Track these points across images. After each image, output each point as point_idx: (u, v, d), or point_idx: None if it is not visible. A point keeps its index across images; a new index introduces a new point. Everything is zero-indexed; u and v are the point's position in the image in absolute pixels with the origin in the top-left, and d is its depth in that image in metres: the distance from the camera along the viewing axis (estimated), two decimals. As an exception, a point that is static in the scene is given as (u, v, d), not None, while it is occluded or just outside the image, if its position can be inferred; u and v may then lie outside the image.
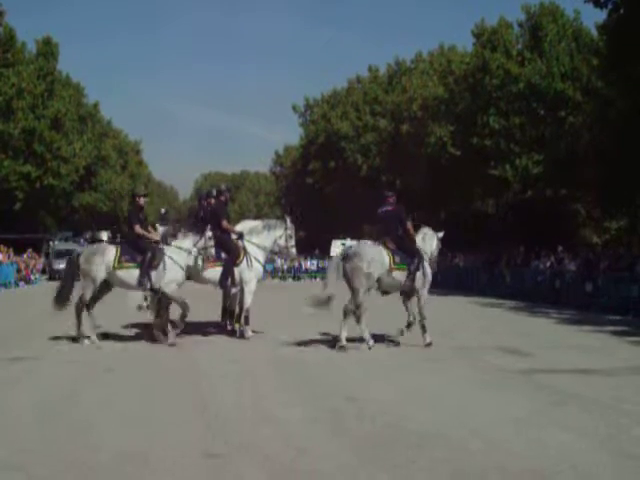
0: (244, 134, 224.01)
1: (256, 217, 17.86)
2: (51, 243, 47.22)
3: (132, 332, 14.39)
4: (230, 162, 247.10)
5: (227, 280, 13.31)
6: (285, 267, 45.05)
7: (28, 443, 6.27)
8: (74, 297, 13.02)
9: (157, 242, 12.99)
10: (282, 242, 13.96)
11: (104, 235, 51.57)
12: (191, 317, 14.95)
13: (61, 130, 51.83)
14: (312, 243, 52.87)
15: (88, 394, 8.40)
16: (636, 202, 34.01)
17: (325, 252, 52.03)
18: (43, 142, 49.04)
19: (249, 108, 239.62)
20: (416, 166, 48.12)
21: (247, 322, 13.71)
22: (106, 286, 13.10)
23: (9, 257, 34.49)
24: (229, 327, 14.80)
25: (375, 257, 12.48)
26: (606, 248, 31.81)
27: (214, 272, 13.44)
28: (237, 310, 14.65)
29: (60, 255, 41.93)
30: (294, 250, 14.24)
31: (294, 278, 45.54)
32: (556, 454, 6.08)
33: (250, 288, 13.57)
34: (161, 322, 13.15)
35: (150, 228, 13.54)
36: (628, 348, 13.53)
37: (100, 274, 12.67)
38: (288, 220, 14.08)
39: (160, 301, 13.49)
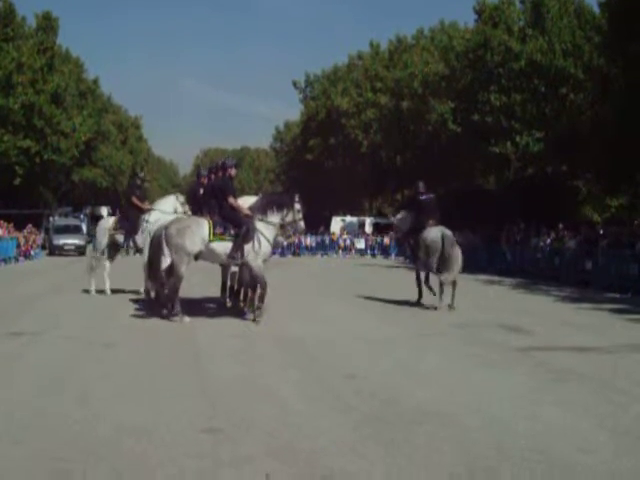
0: (244, 110, 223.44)
1: (256, 193, 17.79)
2: (51, 218, 47.14)
3: (132, 308, 14.40)
4: (230, 138, 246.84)
5: (237, 255, 12.75)
6: (285, 243, 45.03)
7: (28, 417, 6.30)
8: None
9: (248, 216, 12.80)
10: (290, 217, 13.37)
11: (104, 210, 51.48)
12: (191, 293, 15.01)
13: (61, 105, 51.64)
14: (312, 220, 52.47)
15: (88, 369, 8.43)
16: (637, 179, 33.94)
17: (326, 229, 51.96)
18: (43, 117, 48.83)
19: (249, 84, 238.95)
20: (416, 143, 48.04)
21: (262, 300, 12.87)
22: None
23: (9, 232, 34.45)
24: (229, 304, 14.76)
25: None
26: (607, 225, 31.71)
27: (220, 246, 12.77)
28: (236, 287, 14.59)
29: (60, 230, 41.88)
30: (302, 223, 13.65)
31: (294, 254, 45.60)
32: (555, 431, 6.10)
33: (255, 269, 12.88)
34: (260, 296, 12.90)
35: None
36: (627, 326, 13.55)
37: (196, 247, 12.52)
38: (296, 195, 13.65)
39: (241, 277, 13.90)
